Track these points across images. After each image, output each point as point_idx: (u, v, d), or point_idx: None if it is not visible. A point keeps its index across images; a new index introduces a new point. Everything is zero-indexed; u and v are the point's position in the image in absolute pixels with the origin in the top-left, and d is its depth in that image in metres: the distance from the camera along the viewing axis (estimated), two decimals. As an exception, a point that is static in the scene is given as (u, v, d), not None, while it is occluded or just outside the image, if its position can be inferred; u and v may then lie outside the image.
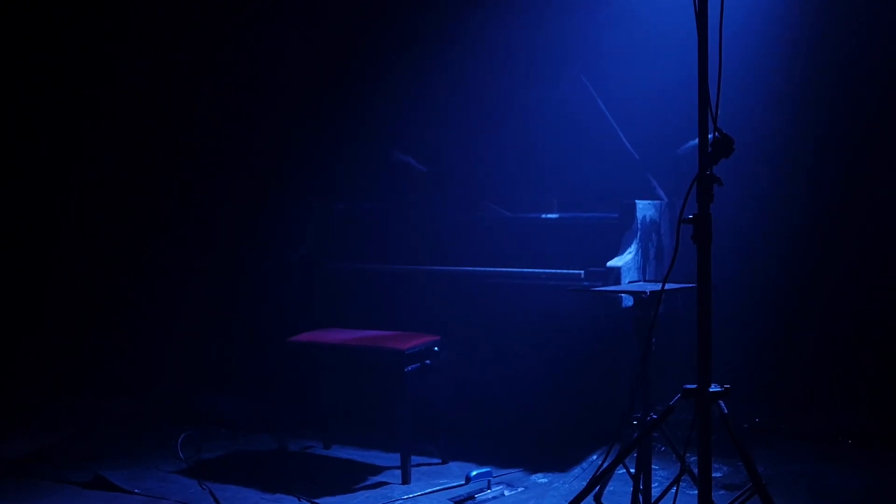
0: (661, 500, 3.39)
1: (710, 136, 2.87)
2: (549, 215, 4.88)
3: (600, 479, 3.41)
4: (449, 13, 5.59)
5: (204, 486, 4.19)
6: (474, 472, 4.16)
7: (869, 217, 5.02)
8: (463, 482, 4.14)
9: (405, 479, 4.25)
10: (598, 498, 3.60)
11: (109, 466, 4.47)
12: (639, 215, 4.52)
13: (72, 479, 4.33)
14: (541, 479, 4.30)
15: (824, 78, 5.00)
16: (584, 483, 3.36)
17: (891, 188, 4.97)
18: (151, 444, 4.92)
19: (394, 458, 4.42)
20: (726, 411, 2.91)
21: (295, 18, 5.98)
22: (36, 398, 5.64)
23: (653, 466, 3.65)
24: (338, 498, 4.04)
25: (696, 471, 2.97)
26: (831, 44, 4.96)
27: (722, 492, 4.01)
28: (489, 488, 4.12)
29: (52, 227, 5.98)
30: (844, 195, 5.07)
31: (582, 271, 4.43)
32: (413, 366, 4.32)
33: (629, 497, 3.42)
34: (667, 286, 3.17)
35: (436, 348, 4.45)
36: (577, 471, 4.38)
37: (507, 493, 4.12)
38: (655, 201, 4.74)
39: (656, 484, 3.77)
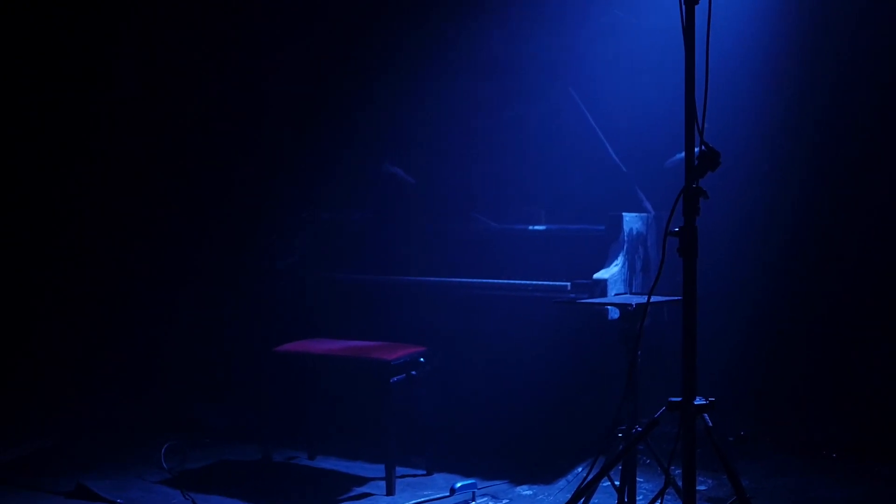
0: (646, 513, 3.39)
1: (696, 149, 2.88)
2: (537, 227, 4.89)
3: (585, 492, 3.40)
4: (439, 26, 5.61)
5: (187, 497, 4.17)
6: (459, 484, 4.15)
7: (857, 229, 5.05)
8: (448, 494, 4.13)
9: (390, 491, 4.24)
10: (582, 510, 3.59)
11: (93, 476, 4.44)
12: (625, 228, 4.53)
13: (54, 488, 4.30)
14: (526, 491, 4.30)
15: (815, 87, 5.03)
16: (569, 495, 3.35)
17: (881, 199, 5.00)
18: (136, 453, 4.90)
19: (379, 470, 4.41)
20: (711, 424, 2.91)
21: (286, 32, 5.98)
22: (20, 406, 5.60)
23: (638, 479, 3.64)
24: (322, 509, 4.03)
25: (680, 484, 2.97)
26: (822, 53, 5.00)
27: (706, 505, 4.02)
28: (474, 500, 4.11)
29: (41, 235, 5.96)
30: (833, 209, 5.10)
31: (568, 283, 4.43)
32: (398, 377, 4.31)
33: (614, 509, 3.42)
34: (653, 299, 3.17)
35: (422, 359, 4.44)
36: (562, 483, 4.37)
37: (491, 504, 4.12)
38: (642, 214, 4.76)
39: (641, 497, 3.76)
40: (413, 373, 4.40)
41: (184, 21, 6.00)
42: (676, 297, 2.99)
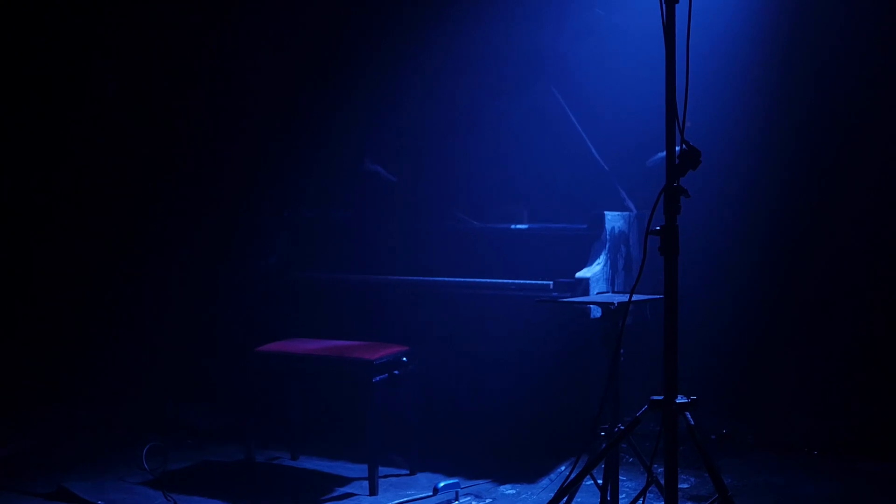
0: (629, 512, 3.40)
1: (677, 148, 2.89)
2: (519, 226, 4.89)
3: (568, 491, 3.40)
4: (420, 24, 5.60)
5: (169, 498, 4.14)
6: (442, 484, 4.15)
7: (836, 228, 5.07)
8: (431, 493, 4.12)
9: (372, 491, 4.23)
10: (565, 509, 3.59)
11: (74, 477, 4.42)
12: (608, 226, 4.54)
13: (34, 490, 4.27)
14: (509, 490, 4.29)
15: (798, 85, 5.05)
16: (552, 494, 3.35)
17: (860, 198, 5.03)
18: (118, 454, 4.87)
19: (361, 470, 4.40)
20: (693, 422, 2.92)
21: (266, 31, 5.96)
22: (1, 408, 5.56)
23: (620, 477, 3.65)
24: (304, 509, 4.02)
25: (663, 482, 2.97)
26: (806, 51, 5.02)
27: (689, 503, 4.02)
28: (457, 499, 4.11)
29: (21, 236, 5.91)
30: (816, 204, 5.12)
31: (551, 282, 4.43)
32: (381, 376, 4.30)
33: (597, 508, 3.43)
34: (634, 297, 3.18)
35: (404, 359, 4.43)
36: (545, 482, 4.38)
37: (475, 504, 4.12)
38: (624, 212, 4.76)
39: (623, 495, 3.77)
40: (396, 372, 4.39)
41: (164, 22, 5.96)
42: (658, 296, 2.99)
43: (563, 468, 4.49)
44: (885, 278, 4.96)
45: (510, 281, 4.57)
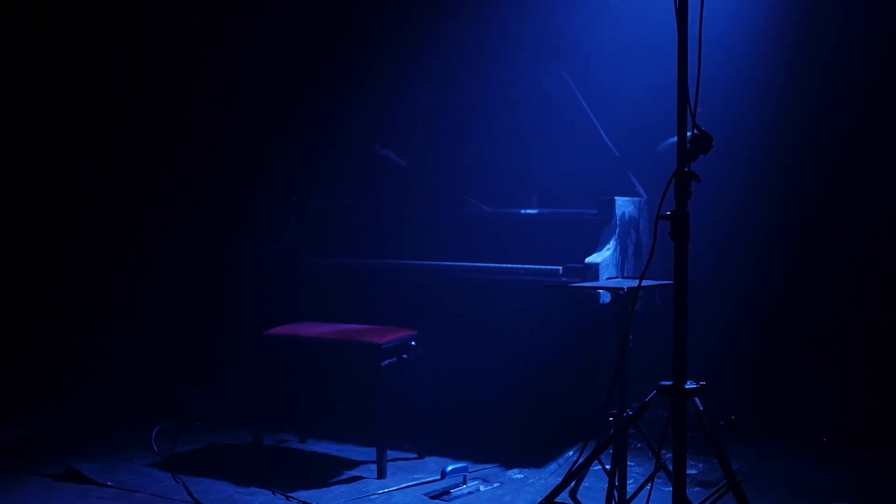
0: (636, 497, 3.40)
1: (688, 133, 2.87)
2: (529, 211, 4.88)
3: (576, 475, 3.41)
4: (431, 9, 5.58)
5: (178, 480, 4.16)
6: (450, 468, 4.15)
7: (847, 216, 5.05)
8: (439, 477, 4.13)
9: (381, 474, 4.24)
10: (573, 494, 3.59)
11: (83, 459, 4.44)
12: (618, 212, 4.53)
13: (44, 471, 4.29)
14: (517, 474, 4.30)
15: (806, 77, 5.03)
16: (560, 479, 3.35)
17: (869, 188, 5.01)
18: (127, 437, 4.90)
19: (370, 453, 4.41)
20: (701, 408, 2.92)
21: (277, 16, 5.95)
22: (10, 392, 5.58)
23: (628, 463, 3.65)
24: (313, 492, 4.02)
25: (671, 467, 2.97)
26: (815, 43, 5.00)
27: (697, 489, 4.02)
28: (465, 483, 4.11)
29: (30, 220, 5.92)
30: (822, 194, 5.11)
31: (560, 267, 4.43)
32: (389, 360, 4.30)
33: (604, 493, 3.42)
34: (644, 283, 3.17)
35: (413, 343, 4.44)
36: (553, 466, 4.38)
37: (482, 488, 4.11)
38: (635, 198, 4.75)
39: (632, 480, 3.77)
40: (404, 356, 4.39)
41: (173, 8, 5.95)
42: (668, 282, 2.99)
43: (570, 453, 4.50)
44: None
45: (520, 266, 4.57)
